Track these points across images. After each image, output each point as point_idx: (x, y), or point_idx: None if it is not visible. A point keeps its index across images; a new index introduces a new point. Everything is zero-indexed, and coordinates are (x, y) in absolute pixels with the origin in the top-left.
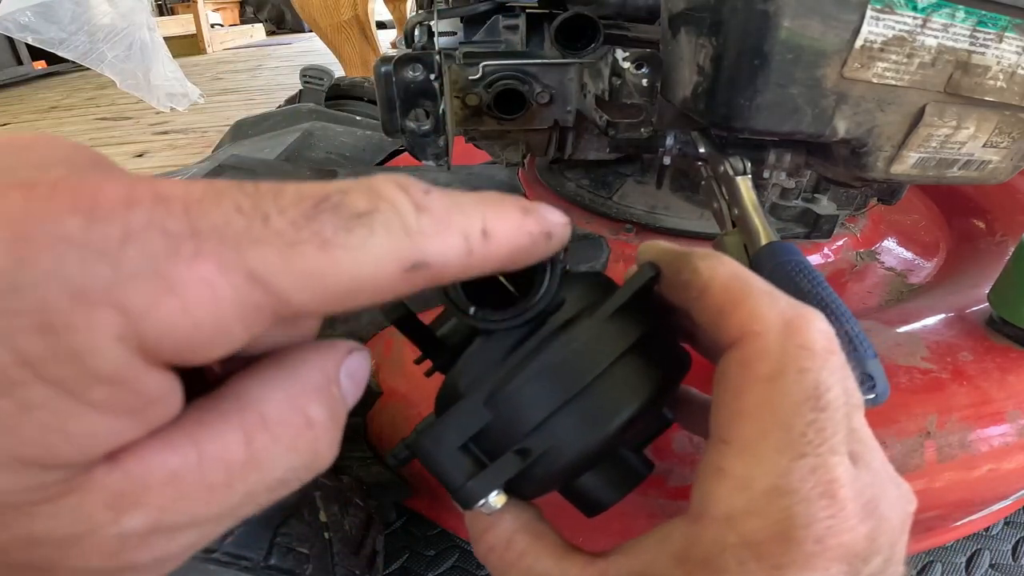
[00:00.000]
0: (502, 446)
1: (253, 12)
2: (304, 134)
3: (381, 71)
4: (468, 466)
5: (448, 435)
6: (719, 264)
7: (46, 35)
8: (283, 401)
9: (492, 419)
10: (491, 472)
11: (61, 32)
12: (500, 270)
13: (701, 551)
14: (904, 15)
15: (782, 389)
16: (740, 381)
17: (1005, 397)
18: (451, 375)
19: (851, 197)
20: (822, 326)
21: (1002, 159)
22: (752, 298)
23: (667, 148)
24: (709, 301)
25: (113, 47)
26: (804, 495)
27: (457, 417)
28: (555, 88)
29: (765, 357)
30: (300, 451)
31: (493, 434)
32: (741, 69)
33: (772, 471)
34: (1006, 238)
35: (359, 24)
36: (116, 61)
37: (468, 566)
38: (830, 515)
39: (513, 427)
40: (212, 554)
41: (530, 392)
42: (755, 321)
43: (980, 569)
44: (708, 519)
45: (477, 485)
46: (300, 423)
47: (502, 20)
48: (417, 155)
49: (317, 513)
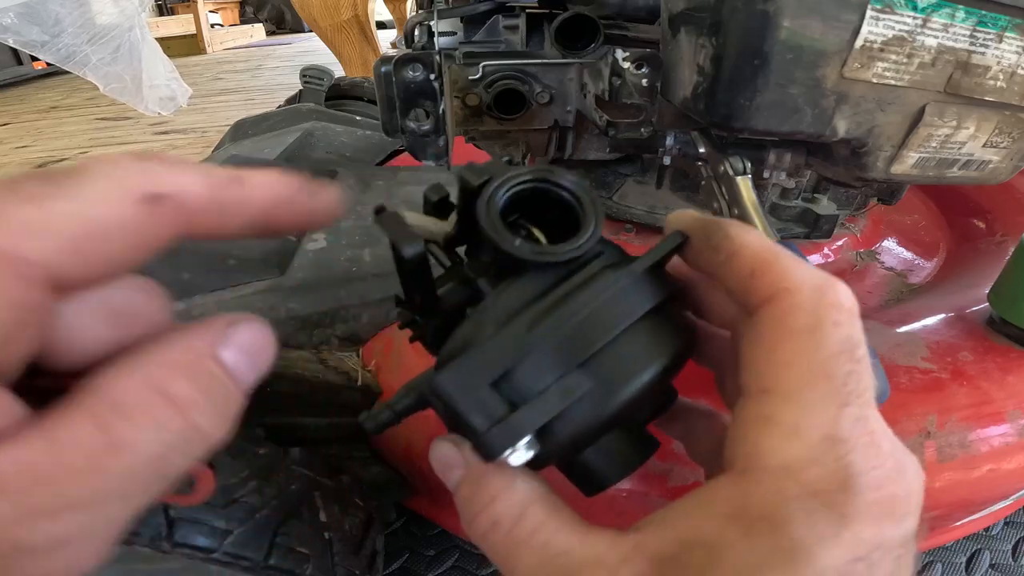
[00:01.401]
0: (523, 394)
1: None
2: (304, 134)
3: (381, 71)
4: (494, 409)
5: (472, 373)
6: (749, 231)
7: (28, 37)
8: (138, 383)
9: (516, 364)
10: (523, 415)
11: (43, 35)
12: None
13: (758, 506)
14: (904, 15)
15: (820, 340)
16: (777, 334)
17: (1005, 397)
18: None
19: (851, 197)
20: (847, 289)
21: (1002, 159)
22: (783, 260)
23: (667, 148)
24: (740, 263)
25: (98, 50)
26: (855, 444)
27: (484, 355)
28: (555, 88)
29: (801, 311)
30: (170, 430)
31: (515, 380)
32: (741, 69)
33: (823, 419)
34: (1006, 238)
35: (359, 24)
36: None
37: (468, 566)
38: (876, 465)
39: (538, 373)
40: (212, 554)
41: (559, 338)
42: (787, 279)
43: (980, 569)
44: (761, 471)
45: (504, 430)
46: (160, 402)
47: (502, 20)
48: (417, 155)
49: (317, 513)
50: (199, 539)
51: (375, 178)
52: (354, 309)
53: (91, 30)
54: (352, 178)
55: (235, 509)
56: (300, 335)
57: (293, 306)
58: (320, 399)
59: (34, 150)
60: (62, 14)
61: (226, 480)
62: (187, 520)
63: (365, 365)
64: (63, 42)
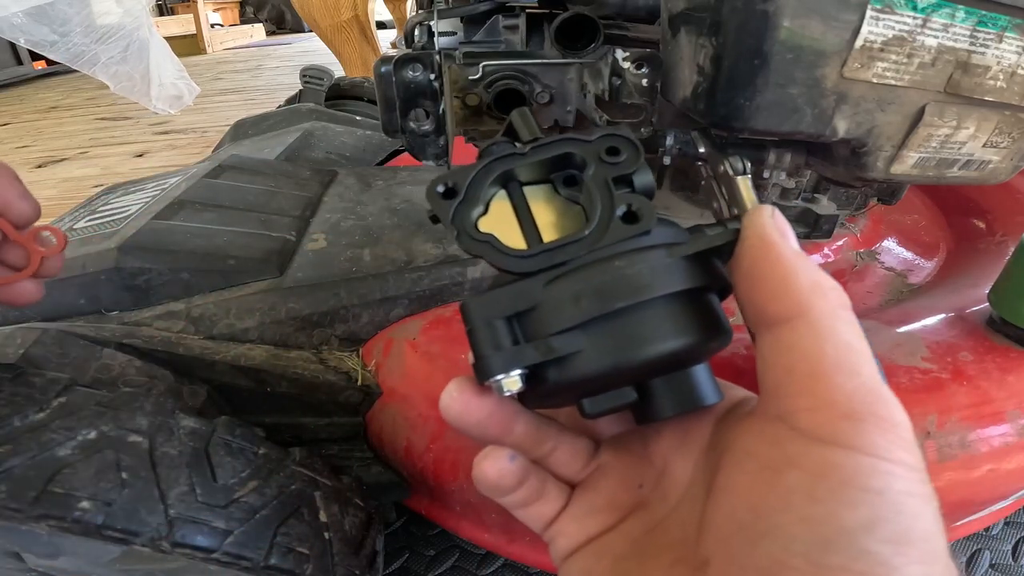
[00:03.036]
0: (538, 334)
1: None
2: (304, 134)
3: (381, 71)
4: (500, 339)
5: (496, 304)
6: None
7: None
8: None
9: (542, 304)
10: (518, 351)
11: (52, 34)
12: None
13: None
14: (904, 15)
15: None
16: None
17: (1005, 397)
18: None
19: (851, 197)
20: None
21: (1002, 159)
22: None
23: (667, 148)
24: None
25: (108, 48)
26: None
27: (512, 290)
28: (555, 88)
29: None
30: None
31: (536, 320)
32: (741, 69)
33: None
34: (1006, 238)
35: (359, 24)
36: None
37: (468, 566)
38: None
39: (556, 318)
40: (212, 554)
41: (583, 290)
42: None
43: (980, 569)
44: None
45: (499, 357)
46: None
47: (502, 20)
48: (417, 155)
49: (317, 513)
50: (199, 539)
51: (375, 178)
52: (354, 309)
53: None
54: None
55: (235, 509)
56: (300, 335)
57: (293, 306)
58: (320, 399)
59: (34, 150)
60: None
61: (226, 480)
62: (187, 520)
63: (365, 365)
64: (72, 41)
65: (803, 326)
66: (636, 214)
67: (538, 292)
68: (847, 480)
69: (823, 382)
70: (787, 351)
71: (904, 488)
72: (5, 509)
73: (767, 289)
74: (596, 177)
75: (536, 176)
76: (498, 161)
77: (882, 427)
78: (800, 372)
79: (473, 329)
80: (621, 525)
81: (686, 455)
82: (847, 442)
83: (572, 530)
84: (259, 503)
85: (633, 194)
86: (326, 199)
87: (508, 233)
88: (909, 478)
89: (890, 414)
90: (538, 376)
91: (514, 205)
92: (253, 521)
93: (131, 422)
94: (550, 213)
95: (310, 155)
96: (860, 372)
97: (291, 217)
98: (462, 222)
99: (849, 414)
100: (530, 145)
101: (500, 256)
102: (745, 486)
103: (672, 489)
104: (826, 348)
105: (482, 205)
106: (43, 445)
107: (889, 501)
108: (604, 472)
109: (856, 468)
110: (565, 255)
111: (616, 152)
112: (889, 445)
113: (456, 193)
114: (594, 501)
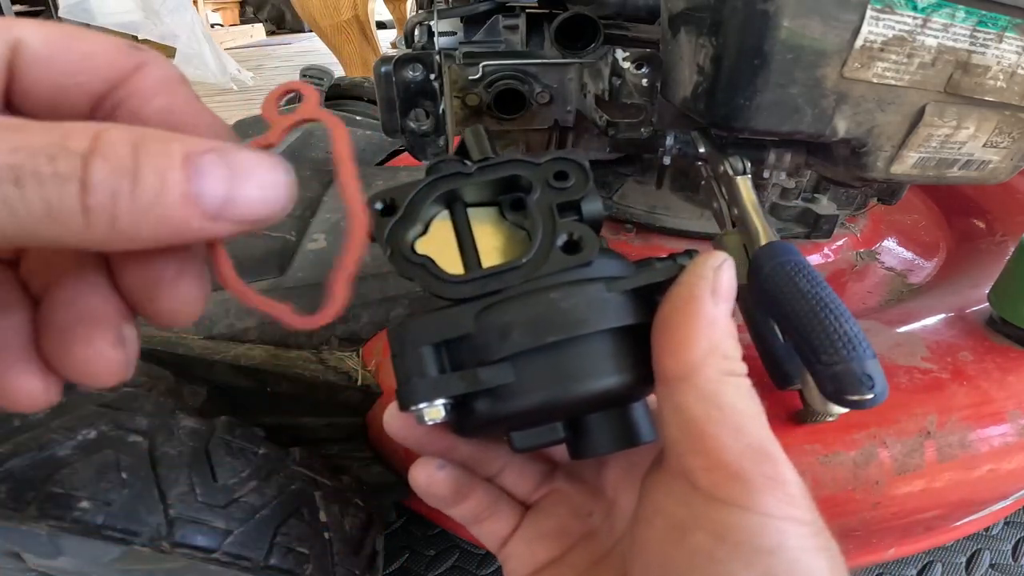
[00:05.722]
0: (466, 364)
1: (253, 12)
2: (304, 134)
3: (381, 71)
4: (426, 367)
5: (425, 330)
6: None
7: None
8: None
9: (473, 333)
10: (442, 380)
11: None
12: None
13: None
14: (904, 15)
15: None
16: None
17: (1005, 397)
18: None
19: (851, 197)
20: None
21: (1002, 159)
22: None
23: (667, 148)
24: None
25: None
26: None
27: (443, 316)
28: (555, 88)
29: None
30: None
31: (465, 349)
32: (741, 69)
33: None
34: (1006, 238)
35: (359, 24)
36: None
37: (468, 566)
38: None
39: (485, 349)
40: (212, 554)
41: (514, 321)
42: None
43: (980, 569)
44: None
45: (421, 385)
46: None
47: (502, 20)
48: (417, 155)
49: (317, 513)
50: (199, 539)
51: (375, 178)
52: (354, 309)
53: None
54: None
55: (235, 509)
56: (300, 335)
57: (293, 306)
58: (320, 399)
59: None
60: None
61: (226, 480)
62: (187, 520)
63: (365, 365)
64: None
65: (690, 389)
66: (578, 243)
67: (469, 320)
68: (742, 540)
69: (711, 443)
70: (678, 410)
71: (797, 544)
72: (5, 509)
73: (671, 342)
74: (541, 202)
75: (484, 198)
76: (443, 180)
77: (770, 486)
78: (692, 432)
79: (397, 355)
80: (568, 555)
81: (631, 487)
82: (740, 502)
83: (522, 552)
84: (259, 503)
85: (577, 223)
86: (326, 199)
87: (447, 256)
88: (801, 533)
89: (777, 472)
90: (466, 407)
91: (456, 227)
92: (253, 521)
93: (131, 422)
94: (495, 237)
95: (310, 155)
96: (748, 433)
97: (291, 217)
98: (397, 241)
99: (739, 474)
100: (477, 165)
101: (433, 281)
102: (657, 542)
103: (619, 521)
104: (710, 411)
105: (421, 224)
106: (43, 445)
107: (782, 558)
108: (557, 497)
109: (749, 528)
110: (500, 283)
111: (564, 177)
112: (779, 503)
113: (395, 210)
114: (545, 526)
